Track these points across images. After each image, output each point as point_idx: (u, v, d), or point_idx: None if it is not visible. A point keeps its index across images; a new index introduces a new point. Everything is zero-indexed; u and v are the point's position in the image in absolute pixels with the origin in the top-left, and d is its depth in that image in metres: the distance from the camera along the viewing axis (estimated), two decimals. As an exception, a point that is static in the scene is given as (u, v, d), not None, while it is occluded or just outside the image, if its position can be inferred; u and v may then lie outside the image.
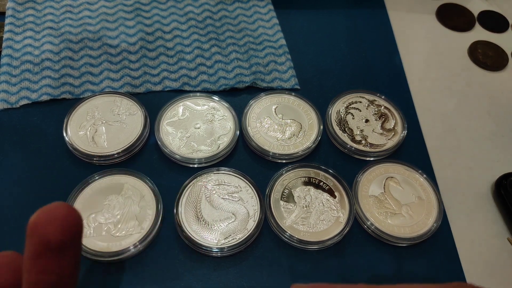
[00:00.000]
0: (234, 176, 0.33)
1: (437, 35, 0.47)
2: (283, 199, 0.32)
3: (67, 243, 0.14)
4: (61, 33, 0.40)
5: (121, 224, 0.30)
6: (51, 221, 0.14)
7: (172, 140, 0.34)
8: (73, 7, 0.43)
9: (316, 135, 0.36)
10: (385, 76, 0.42)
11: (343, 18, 0.46)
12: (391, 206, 0.33)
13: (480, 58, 0.45)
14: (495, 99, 0.42)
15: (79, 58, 0.39)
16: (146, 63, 0.39)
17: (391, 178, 0.34)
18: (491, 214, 0.34)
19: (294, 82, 0.40)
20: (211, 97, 0.37)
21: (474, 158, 0.37)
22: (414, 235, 0.31)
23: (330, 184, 0.33)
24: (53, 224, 0.14)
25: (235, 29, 0.43)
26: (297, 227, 0.31)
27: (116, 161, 0.33)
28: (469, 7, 0.50)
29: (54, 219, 0.14)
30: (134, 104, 0.36)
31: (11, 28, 0.40)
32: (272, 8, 0.45)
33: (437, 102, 0.41)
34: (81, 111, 0.35)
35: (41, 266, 0.14)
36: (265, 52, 0.41)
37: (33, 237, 0.14)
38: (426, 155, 0.37)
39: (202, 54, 0.40)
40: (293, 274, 0.30)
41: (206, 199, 0.31)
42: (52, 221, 0.14)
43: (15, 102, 0.35)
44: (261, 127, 0.36)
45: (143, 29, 0.41)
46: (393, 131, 0.37)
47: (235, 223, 0.30)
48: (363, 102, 0.38)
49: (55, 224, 0.14)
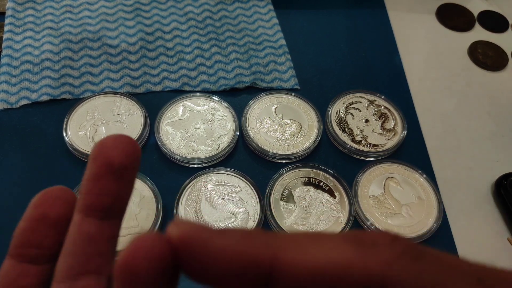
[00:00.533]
0: (234, 176, 0.33)
1: (437, 35, 0.47)
2: (283, 199, 0.32)
3: (128, 167, 0.15)
4: (61, 33, 0.40)
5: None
6: (117, 146, 0.15)
7: (172, 140, 0.34)
8: (73, 7, 0.42)
9: (316, 135, 0.36)
10: (385, 76, 0.42)
11: (343, 18, 0.46)
12: (391, 206, 0.33)
13: (480, 58, 0.45)
14: (495, 99, 0.42)
15: (79, 58, 0.39)
16: (146, 63, 0.39)
17: (391, 178, 0.34)
18: (491, 214, 0.34)
19: (294, 82, 0.40)
20: (211, 97, 0.37)
21: (474, 158, 0.37)
22: (414, 235, 0.31)
23: (330, 184, 0.33)
24: (118, 148, 0.15)
25: (235, 29, 0.43)
26: (297, 227, 0.31)
27: (116, 161, 0.33)
28: (469, 7, 0.50)
29: (119, 143, 0.15)
30: (134, 104, 0.36)
31: (11, 28, 0.40)
32: (272, 8, 0.45)
33: (437, 102, 0.41)
34: (81, 111, 0.35)
35: (101, 187, 0.15)
36: (265, 52, 0.41)
37: (97, 159, 0.15)
38: (426, 155, 0.37)
39: (202, 54, 0.40)
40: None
41: (206, 199, 0.31)
42: (117, 145, 0.15)
43: (15, 102, 0.35)
44: (261, 127, 0.36)
45: (143, 29, 0.41)
46: (393, 131, 0.37)
47: (235, 223, 0.30)
48: (363, 102, 0.38)
49: (119, 148, 0.15)
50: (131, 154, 0.16)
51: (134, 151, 0.16)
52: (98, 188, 0.15)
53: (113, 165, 0.15)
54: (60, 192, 0.17)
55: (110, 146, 0.15)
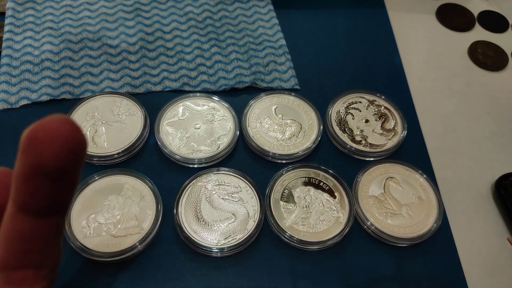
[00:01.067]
0: (234, 177, 0.33)
1: (437, 35, 0.47)
2: (283, 200, 0.32)
3: (66, 169, 0.12)
4: (61, 33, 0.40)
5: (121, 225, 0.30)
6: (51, 141, 0.11)
7: (172, 140, 0.34)
8: (73, 7, 0.43)
9: (316, 135, 0.36)
10: (385, 76, 0.42)
11: (343, 18, 0.46)
12: (391, 206, 0.33)
13: (480, 58, 0.45)
14: (495, 99, 0.42)
15: (79, 58, 0.39)
16: (146, 63, 0.39)
17: (391, 178, 0.34)
18: (491, 214, 0.34)
19: (294, 82, 0.40)
20: (211, 97, 0.37)
21: (474, 158, 0.37)
22: (414, 235, 0.31)
23: (330, 184, 0.33)
24: (53, 144, 0.11)
25: (235, 29, 0.43)
26: (297, 228, 0.31)
27: (116, 161, 0.33)
28: (469, 7, 0.50)
29: (54, 138, 0.11)
30: (134, 104, 0.36)
31: (11, 28, 0.40)
32: (272, 8, 0.45)
33: (437, 102, 0.41)
34: (81, 112, 0.35)
35: (32, 189, 0.12)
36: (265, 52, 0.41)
37: (26, 155, 0.12)
38: (426, 155, 0.37)
39: (202, 54, 0.40)
40: (293, 274, 0.30)
41: (206, 199, 0.31)
42: (52, 141, 0.11)
43: (15, 102, 0.35)
44: (261, 127, 0.36)
45: (143, 29, 0.41)
46: (393, 131, 0.37)
47: (235, 223, 0.30)
48: (363, 102, 0.38)
49: (54, 144, 0.11)
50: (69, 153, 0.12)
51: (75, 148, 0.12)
52: (29, 189, 0.12)
53: (46, 168, 0.12)
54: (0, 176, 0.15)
55: (41, 140, 0.12)
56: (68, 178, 0.13)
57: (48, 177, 0.12)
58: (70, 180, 0.13)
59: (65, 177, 0.12)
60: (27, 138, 0.12)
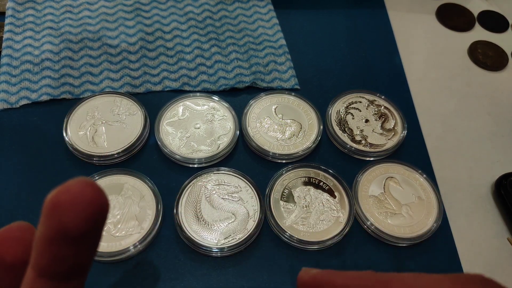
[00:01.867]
0: (234, 176, 0.33)
1: (437, 35, 0.47)
2: (283, 199, 0.32)
3: (88, 232, 0.12)
4: (61, 33, 0.40)
5: (121, 224, 0.30)
6: (73, 206, 0.12)
7: (172, 140, 0.34)
8: (73, 7, 0.43)
9: (316, 135, 0.36)
10: (385, 76, 0.42)
11: (343, 18, 0.46)
12: (391, 206, 0.33)
13: (480, 58, 0.45)
14: (495, 99, 0.42)
15: (79, 58, 0.39)
16: (146, 63, 0.39)
17: (391, 178, 0.34)
18: (491, 214, 0.34)
19: (294, 82, 0.40)
20: (211, 97, 0.37)
21: (474, 158, 0.37)
22: (414, 235, 0.31)
23: (330, 184, 0.33)
24: (75, 209, 0.12)
25: (235, 29, 0.43)
26: (297, 227, 0.31)
27: (116, 161, 0.33)
28: (469, 7, 0.50)
29: (77, 203, 0.12)
30: (134, 104, 0.36)
31: (11, 28, 0.40)
32: (272, 8, 0.45)
33: (437, 102, 0.41)
34: (81, 111, 0.35)
35: (54, 253, 0.13)
36: (265, 52, 0.41)
37: (49, 220, 0.12)
38: (426, 155, 0.37)
39: (202, 54, 0.40)
40: (293, 274, 0.30)
41: (206, 199, 0.31)
42: (75, 206, 0.12)
43: (15, 102, 0.35)
44: (261, 127, 0.36)
45: (143, 29, 0.41)
46: (393, 131, 0.37)
47: (235, 223, 0.30)
48: (363, 102, 0.38)
49: (77, 209, 0.12)
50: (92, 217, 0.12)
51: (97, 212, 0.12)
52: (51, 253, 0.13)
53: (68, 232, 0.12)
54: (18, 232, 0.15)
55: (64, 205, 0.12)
56: (90, 240, 0.13)
57: (71, 241, 0.12)
58: (92, 243, 0.13)
59: (88, 240, 0.13)
60: (51, 203, 0.12)
